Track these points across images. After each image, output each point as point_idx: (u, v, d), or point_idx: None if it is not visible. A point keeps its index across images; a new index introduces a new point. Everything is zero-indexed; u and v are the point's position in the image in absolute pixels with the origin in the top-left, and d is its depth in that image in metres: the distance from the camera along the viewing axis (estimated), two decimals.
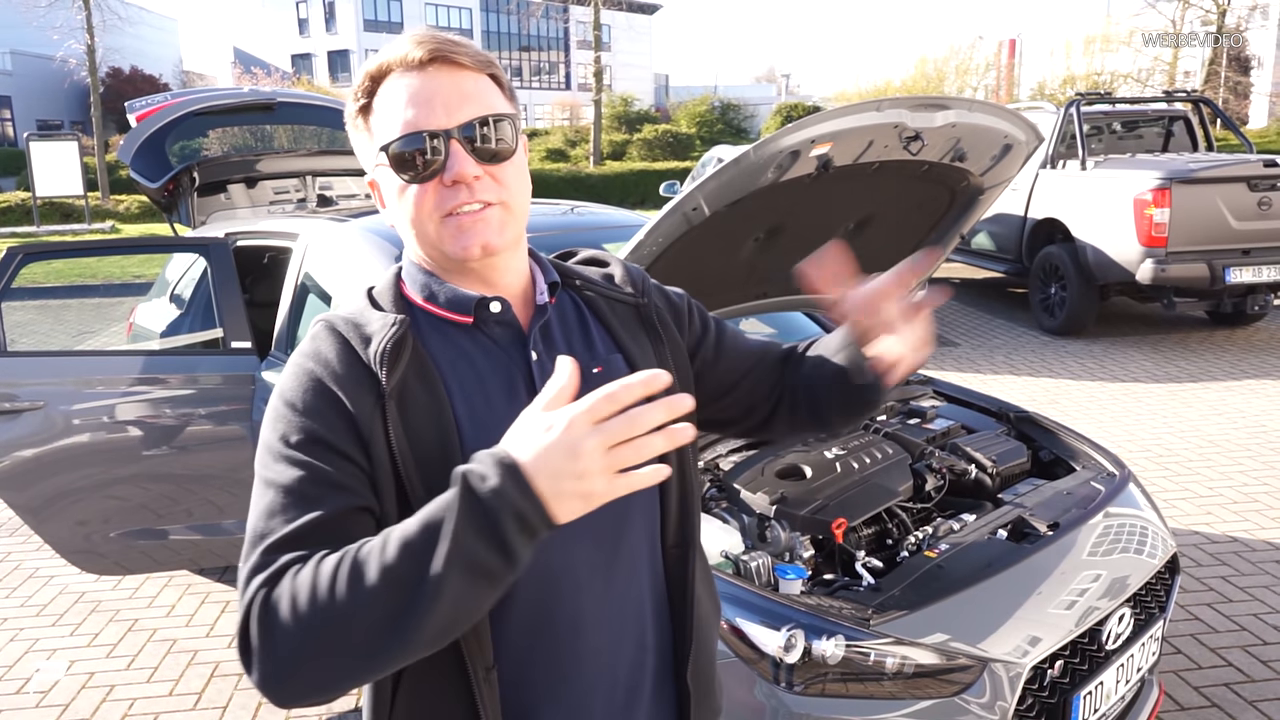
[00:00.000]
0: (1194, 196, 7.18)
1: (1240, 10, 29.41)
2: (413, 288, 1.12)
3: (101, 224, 19.06)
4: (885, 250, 3.05)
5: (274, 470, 0.98)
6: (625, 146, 30.04)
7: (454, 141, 1.02)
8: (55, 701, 3.15)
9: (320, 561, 0.88)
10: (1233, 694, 3.00)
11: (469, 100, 1.04)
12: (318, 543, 0.91)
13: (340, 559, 0.87)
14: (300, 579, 0.87)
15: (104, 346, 7.91)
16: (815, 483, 2.44)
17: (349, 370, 1.01)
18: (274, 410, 1.02)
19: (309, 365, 1.03)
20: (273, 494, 0.96)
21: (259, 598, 0.87)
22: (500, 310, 1.10)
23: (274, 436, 1.00)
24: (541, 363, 1.09)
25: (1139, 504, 2.58)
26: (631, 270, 1.26)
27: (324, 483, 0.96)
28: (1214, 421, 5.82)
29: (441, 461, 0.99)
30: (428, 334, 1.08)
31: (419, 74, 1.03)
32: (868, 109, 2.24)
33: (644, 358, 1.18)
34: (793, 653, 1.87)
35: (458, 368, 1.07)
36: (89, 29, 23.10)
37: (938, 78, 34.45)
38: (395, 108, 1.04)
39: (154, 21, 44.02)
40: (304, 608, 0.85)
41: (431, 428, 1.01)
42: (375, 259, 3.03)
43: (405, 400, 1.01)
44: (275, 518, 0.94)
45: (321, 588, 0.85)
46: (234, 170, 4.42)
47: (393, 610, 0.83)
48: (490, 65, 1.08)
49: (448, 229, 1.04)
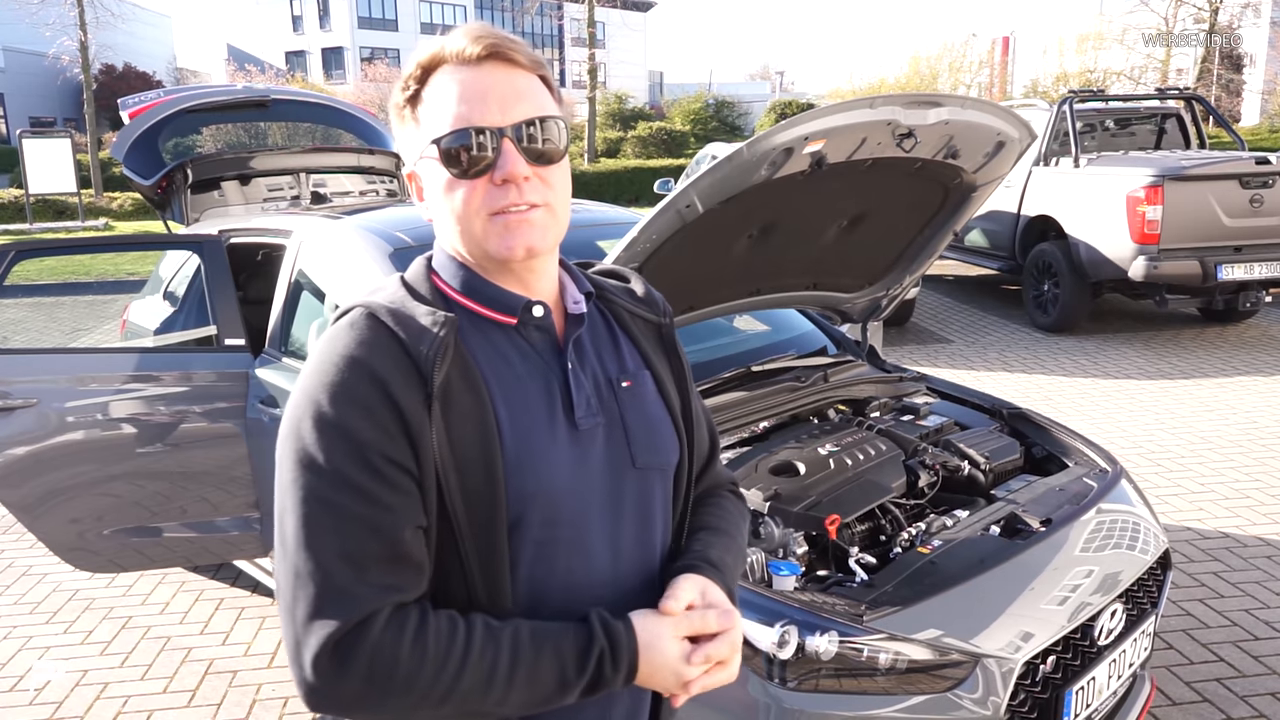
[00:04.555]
0: (1186, 194, 7.19)
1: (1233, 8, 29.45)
2: (451, 281, 1.09)
3: (95, 221, 18.99)
4: (878, 247, 3.06)
5: (315, 480, 0.95)
6: (619, 144, 30.02)
7: (506, 140, 1.01)
8: (49, 699, 3.15)
9: (438, 636, 0.96)
10: (1224, 689, 3.02)
11: (522, 99, 1.03)
12: (384, 569, 0.96)
13: (466, 652, 0.96)
14: (409, 648, 0.94)
15: (97, 344, 7.89)
16: (809, 479, 2.44)
17: (398, 364, 0.98)
18: (312, 403, 0.97)
19: (353, 352, 0.98)
20: (318, 507, 0.95)
21: (348, 642, 0.93)
22: (542, 315, 1.09)
23: (315, 436, 0.96)
24: (576, 372, 1.09)
25: (1131, 500, 2.59)
26: (652, 290, 1.26)
27: (378, 502, 0.95)
28: (1206, 418, 5.84)
29: (482, 465, 0.99)
30: (467, 331, 1.06)
31: (474, 69, 1.02)
32: (861, 106, 2.25)
33: (667, 378, 1.19)
34: (786, 649, 1.88)
35: (499, 370, 1.05)
36: (82, 25, 22.99)
37: (931, 75, 34.49)
38: (448, 101, 1.02)
39: (147, 18, 43.82)
40: (407, 685, 0.94)
41: (474, 431, 1.00)
42: (369, 256, 3.03)
43: (450, 401, 0.99)
44: (327, 535, 0.94)
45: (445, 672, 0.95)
46: (227, 167, 4.40)
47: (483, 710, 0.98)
48: (541, 66, 1.07)
49: (494, 227, 1.03)
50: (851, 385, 3.06)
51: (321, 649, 0.92)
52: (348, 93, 33.10)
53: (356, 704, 0.94)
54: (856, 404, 3.05)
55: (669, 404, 1.17)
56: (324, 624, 0.92)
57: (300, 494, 0.95)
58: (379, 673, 0.92)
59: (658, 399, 1.17)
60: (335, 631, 0.92)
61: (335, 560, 0.94)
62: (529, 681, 0.98)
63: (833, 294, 3.19)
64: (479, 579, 1.01)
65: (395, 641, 0.93)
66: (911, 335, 8.24)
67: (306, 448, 0.96)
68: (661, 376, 1.18)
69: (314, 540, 0.94)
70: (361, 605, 0.93)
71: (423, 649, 0.94)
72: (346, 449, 0.95)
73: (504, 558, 1.01)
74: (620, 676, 1.01)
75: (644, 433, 1.13)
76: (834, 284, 3.15)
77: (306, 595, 0.94)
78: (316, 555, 0.94)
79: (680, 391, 1.21)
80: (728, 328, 3.63)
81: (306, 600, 0.94)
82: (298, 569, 0.94)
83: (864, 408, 3.03)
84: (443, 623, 0.96)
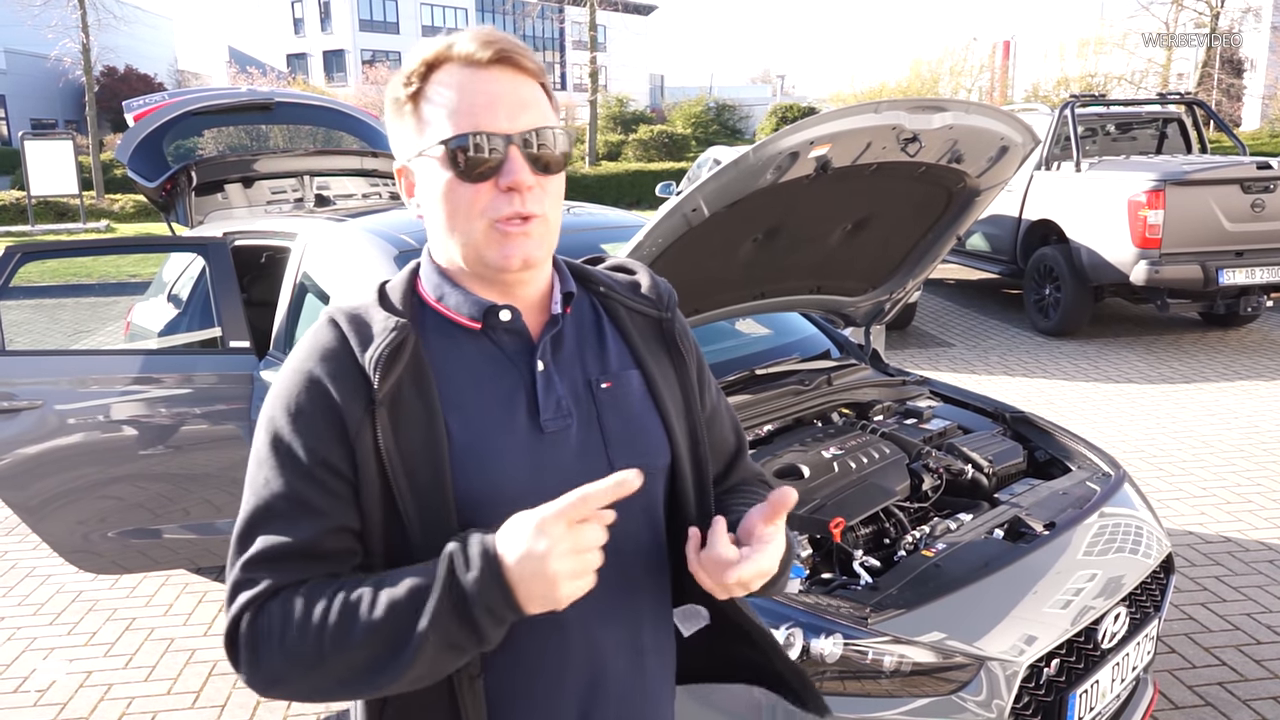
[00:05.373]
0: (1188, 198, 7.21)
1: (1233, 13, 29.48)
2: (427, 286, 1.11)
3: (96, 223, 19.03)
4: (882, 251, 3.07)
5: (261, 478, 1.02)
6: (621, 147, 30.06)
7: (513, 148, 1.01)
8: (53, 700, 3.15)
9: (309, 599, 0.95)
10: (1226, 693, 3.02)
11: (529, 107, 1.03)
12: (296, 563, 0.99)
13: (329, 604, 0.94)
14: (290, 613, 0.95)
15: (100, 345, 7.90)
16: (813, 482, 2.45)
17: (343, 370, 1.02)
18: (268, 409, 1.04)
19: (305, 363, 1.04)
20: (257, 504, 1.01)
21: (245, 619, 0.97)
22: (510, 319, 1.08)
23: (265, 440, 1.03)
24: (548, 373, 1.08)
25: (1134, 504, 2.60)
26: (659, 284, 1.22)
27: (305, 505, 1.00)
28: (1207, 422, 5.85)
29: (430, 469, 1.00)
30: (433, 335, 1.07)
31: (482, 72, 1.01)
32: (866, 111, 2.26)
33: (663, 376, 1.16)
34: (791, 651, 1.89)
35: (456, 374, 1.06)
36: (84, 28, 23.01)
37: (932, 79, 34.50)
38: (454, 102, 1.01)
39: (149, 20, 43.84)
40: (292, 643, 0.94)
41: (421, 436, 1.01)
42: (374, 258, 3.04)
43: (398, 406, 1.01)
44: (257, 531, 1.00)
45: (310, 628, 0.94)
46: (231, 170, 4.41)
47: (371, 661, 0.93)
48: (544, 74, 1.07)
49: (494, 235, 1.03)
50: (855, 389, 3.07)
51: (229, 629, 0.99)
52: (349, 95, 33.14)
53: (257, 680, 0.98)
54: (860, 407, 3.06)
55: (659, 404, 1.14)
56: (234, 607, 0.98)
57: (246, 495, 1.03)
58: (260, 645, 0.96)
59: (645, 399, 1.14)
60: (237, 612, 0.98)
61: (256, 553, 0.99)
62: (389, 614, 0.92)
63: (836, 298, 3.20)
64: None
65: (277, 608, 0.96)
66: (913, 339, 8.25)
67: (257, 449, 1.03)
68: (654, 375, 1.15)
69: (247, 532, 1.00)
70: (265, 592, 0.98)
71: (293, 606, 0.96)
72: (286, 456, 1.01)
73: None
74: (479, 578, 0.90)
75: (624, 435, 1.10)
76: (838, 288, 3.16)
77: (231, 580, 1.00)
78: (243, 546, 1.00)
79: (683, 389, 1.18)
80: (731, 331, 3.64)
81: (230, 585, 1.00)
82: (230, 556, 1.02)
83: (867, 411, 3.03)
84: (317, 587, 0.98)
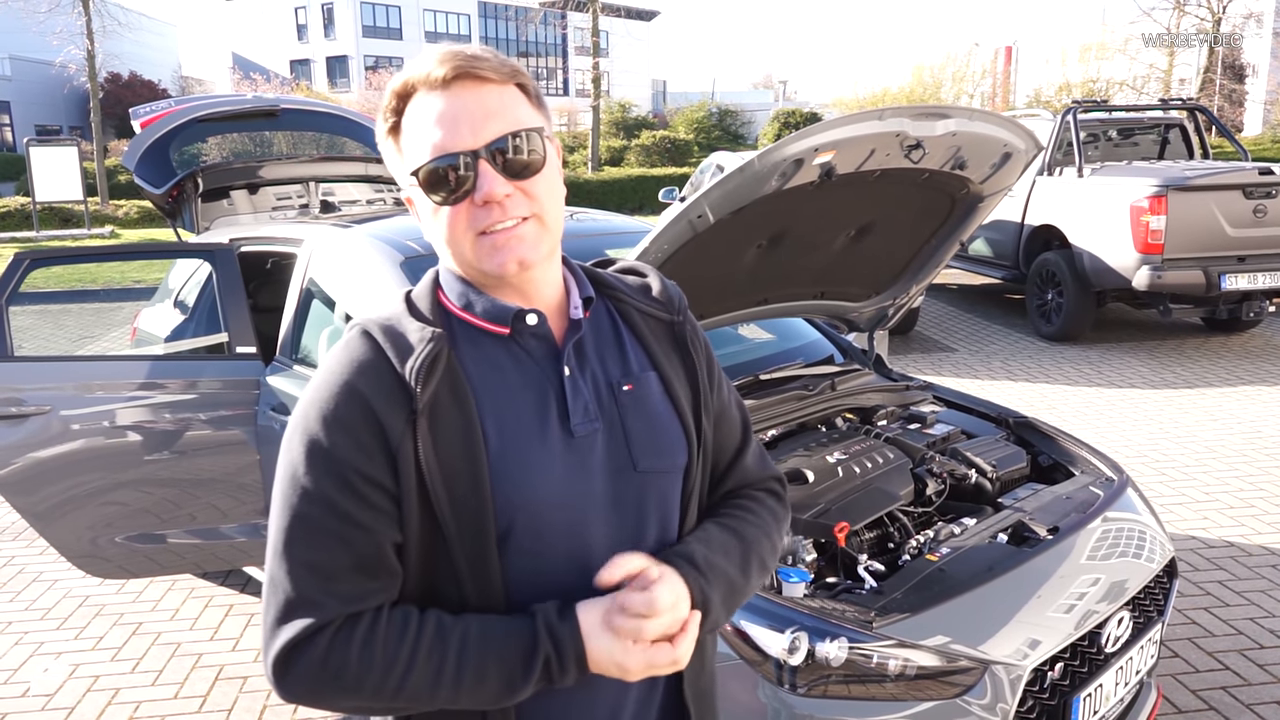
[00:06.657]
0: (1190, 204, 7.21)
1: (1235, 18, 29.47)
2: (450, 294, 1.12)
3: (101, 229, 19.08)
4: (885, 257, 3.08)
5: (298, 491, 1.01)
6: (623, 152, 30.11)
7: (482, 161, 1.02)
8: (60, 705, 3.16)
9: (388, 661, 0.99)
10: (1230, 697, 3.02)
11: (493, 116, 1.03)
12: (350, 580, 1.00)
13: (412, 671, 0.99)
14: (357, 651, 0.99)
15: (106, 351, 7.93)
16: (817, 487, 2.46)
17: (383, 381, 1.02)
18: (303, 422, 1.03)
19: (343, 374, 1.03)
20: (294, 516, 1.01)
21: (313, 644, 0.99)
22: (536, 323, 1.10)
23: (301, 453, 1.02)
24: (574, 378, 1.10)
25: (1137, 509, 2.61)
26: (670, 287, 1.24)
27: (349, 518, 1.00)
28: (1210, 427, 5.85)
29: (469, 478, 1.02)
30: (462, 344, 1.08)
31: (444, 92, 1.02)
32: (870, 118, 2.27)
33: (677, 378, 1.17)
34: (796, 655, 1.90)
35: (490, 381, 1.07)
36: (89, 34, 23.12)
37: (934, 85, 34.51)
38: (423, 129, 1.03)
39: (153, 27, 44.01)
40: (357, 684, 0.99)
41: (460, 445, 1.02)
42: (379, 264, 3.05)
43: (436, 416, 1.02)
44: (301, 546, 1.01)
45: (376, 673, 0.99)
46: (238, 176, 4.43)
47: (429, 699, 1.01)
48: (516, 74, 1.06)
49: (483, 247, 1.05)
50: (859, 393, 3.08)
51: (280, 652, 0.99)
52: (352, 101, 33.28)
53: (312, 699, 1.01)
54: (864, 412, 3.07)
55: (677, 405, 1.16)
56: (286, 629, 0.99)
57: (282, 506, 1.02)
58: (329, 674, 0.99)
59: (664, 400, 1.15)
60: (295, 636, 0.98)
61: (303, 570, 1.00)
62: (476, 682, 1.00)
63: (840, 303, 3.22)
64: (471, 587, 1.04)
65: (345, 646, 0.99)
66: (916, 344, 8.25)
67: (293, 463, 1.02)
68: (670, 376, 1.16)
69: (288, 550, 1.01)
70: (322, 613, 0.99)
71: (370, 653, 0.99)
72: (326, 467, 1.01)
73: (495, 566, 1.03)
74: (569, 676, 1.02)
75: (646, 436, 1.12)
76: (841, 293, 3.17)
77: (275, 601, 1.01)
78: (288, 564, 1.00)
79: (693, 390, 1.19)
80: (735, 336, 3.66)
81: (275, 606, 1.01)
82: (273, 575, 1.01)
83: (871, 416, 3.04)
84: (394, 626, 1.01)
